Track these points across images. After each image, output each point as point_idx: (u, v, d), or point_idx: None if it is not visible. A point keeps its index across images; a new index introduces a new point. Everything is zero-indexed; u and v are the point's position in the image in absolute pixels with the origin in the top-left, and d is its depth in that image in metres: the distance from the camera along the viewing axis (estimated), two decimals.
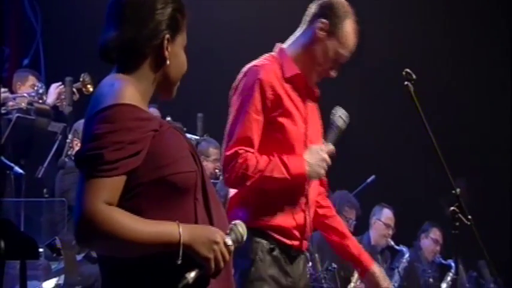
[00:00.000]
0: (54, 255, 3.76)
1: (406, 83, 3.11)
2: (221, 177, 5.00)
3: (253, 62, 2.86)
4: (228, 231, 1.94)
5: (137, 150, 1.84)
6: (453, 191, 3.17)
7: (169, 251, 1.83)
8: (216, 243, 1.87)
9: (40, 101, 5.87)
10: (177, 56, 2.01)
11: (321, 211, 3.06)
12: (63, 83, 5.97)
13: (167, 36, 1.96)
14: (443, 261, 6.29)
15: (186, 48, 2.07)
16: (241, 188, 2.83)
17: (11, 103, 5.77)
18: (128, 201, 1.85)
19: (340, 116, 2.91)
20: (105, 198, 1.80)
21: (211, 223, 1.94)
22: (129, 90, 1.89)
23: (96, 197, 1.79)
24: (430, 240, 6.45)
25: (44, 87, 6.00)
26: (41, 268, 4.30)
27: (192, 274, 1.84)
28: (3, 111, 5.66)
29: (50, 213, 5.36)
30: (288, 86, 2.83)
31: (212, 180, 3.48)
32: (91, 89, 5.86)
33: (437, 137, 3.18)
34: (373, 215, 6.12)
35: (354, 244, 3.08)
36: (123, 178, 1.83)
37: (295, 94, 2.85)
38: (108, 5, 2.01)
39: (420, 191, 6.83)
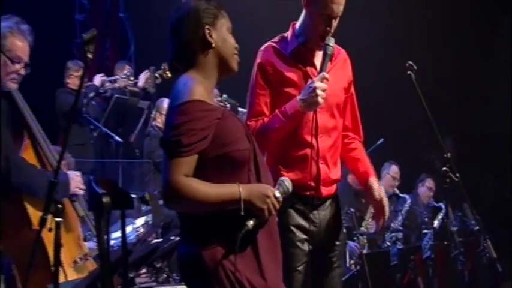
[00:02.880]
0: (145, 206, 3.84)
1: (408, 72, 2.94)
2: None
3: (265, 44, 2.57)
4: (276, 186, 1.93)
5: (206, 135, 1.84)
6: (445, 155, 3.07)
7: (232, 207, 1.84)
8: (268, 196, 1.88)
9: (130, 82, 5.94)
10: (222, 38, 1.98)
11: (346, 148, 2.68)
12: (149, 71, 6.01)
13: (207, 26, 1.95)
14: (435, 204, 6.17)
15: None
16: (264, 151, 2.48)
17: (107, 84, 5.84)
18: (199, 172, 1.86)
19: (328, 44, 2.47)
20: (184, 172, 1.83)
21: None
22: (198, 88, 1.88)
23: (177, 172, 1.82)
24: (426, 188, 6.33)
25: (131, 71, 6.07)
26: (134, 209, 4.39)
27: (251, 222, 1.85)
28: (101, 91, 5.75)
29: (140, 169, 5.46)
30: (291, 59, 2.51)
31: None
32: (170, 75, 5.86)
33: (431, 109, 3.06)
34: (384, 170, 6.02)
35: (359, 166, 2.66)
36: (196, 156, 1.85)
37: (302, 63, 2.52)
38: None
39: (418, 151, 6.74)
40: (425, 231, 5.75)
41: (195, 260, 1.86)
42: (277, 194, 1.90)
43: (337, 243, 2.57)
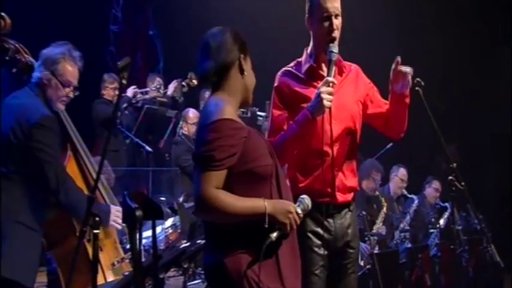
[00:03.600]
0: (173, 214, 3.87)
1: (417, 88, 2.91)
2: None
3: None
4: (298, 203, 1.94)
5: (235, 152, 1.86)
6: (451, 166, 3.05)
7: (257, 219, 1.86)
8: (290, 212, 1.89)
9: (160, 93, 5.98)
10: (249, 71, 2.03)
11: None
12: (177, 81, 6.04)
13: (242, 56, 1.99)
14: (441, 204, 6.10)
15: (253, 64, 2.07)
16: (284, 162, 2.44)
17: (139, 95, 5.90)
18: (225, 185, 1.87)
19: (331, 51, 2.43)
20: (214, 184, 1.84)
21: (281, 199, 1.94)
22: (228, 108, 1.91)
23: (209, 184, 1.84)
24: (432, 189, 6.25)
25: (160, 83, 6.10)
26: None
27: (274, 234, 1.86)
28: (133, 102, 5.81)
29: (168, 174, 5.52)
30: (305, 78, 2.51)
31: None
32: (196, 83, 5.90)
33: (434, 114, 3.01)
34: (392, 172, 5.97)
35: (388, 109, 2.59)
36: (225, 171, 1.86)
37: (314, 80, 2.49)
38: (200, 48, 2.03)
39: (424, 154, 6.67)
40: (431, 230, 5.70)
41: (219, 268, 1.87)
42: (299, 211, 1.93)
43: (352, 250, 2.52)
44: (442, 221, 5.95)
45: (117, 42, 7.24)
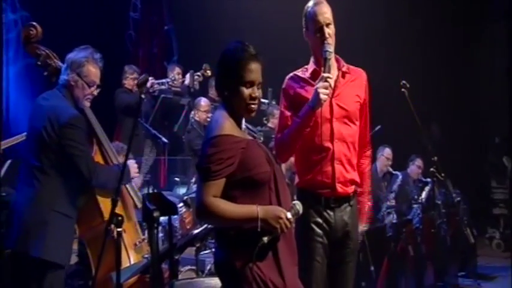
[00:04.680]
0: (187, 207, 3.88)
1: (402, 90, 2.92)
2: None
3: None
4: (289, 209, 1.93)
5: (232, 162, 1.86)
6: (432, 158, 3.04)
7: (251, 224, 1.86)
8: (281, 218, 1.88)
9: (175, 83, 5.93)
10: (236, 91, 1.93)
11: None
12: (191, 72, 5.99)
13: (224, 77, 1.95)
14: (423, 180, 6.11)
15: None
16: (292, 154, 2.49)
17: (156, 86, 5.85)
18: (228, 191, 1.88)
19: (326, 50, 2.42)
20: (213, 193, 1.85)
21: (279, 203, 1.94)
22: (226, 124, 1.90)
23: (207, 194, 1.85)
24: (415, 167, 6.24)
25: (179, 73, 6.02)
26: (175, 197, 4.49)
27: (266, 238, 1.86)
28: (150, 91, 5.77)
29: (182, 160, 5.53)
30: (309, 80, 2.49)
31: None
32: (209, 73, 5.86)
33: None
34: (379, 152, 5.97)
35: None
36: (224, 180, 1.87)
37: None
38: None
39: (409, 135, 6.63)
40: (414, 205, 5.72)
41: (227, 263, 1.89)
42: (289, 216, 1.90)
43: (350, 241, 2.48)
44: (424, 194, 5.96)
45: (136, 28, 7.19)
